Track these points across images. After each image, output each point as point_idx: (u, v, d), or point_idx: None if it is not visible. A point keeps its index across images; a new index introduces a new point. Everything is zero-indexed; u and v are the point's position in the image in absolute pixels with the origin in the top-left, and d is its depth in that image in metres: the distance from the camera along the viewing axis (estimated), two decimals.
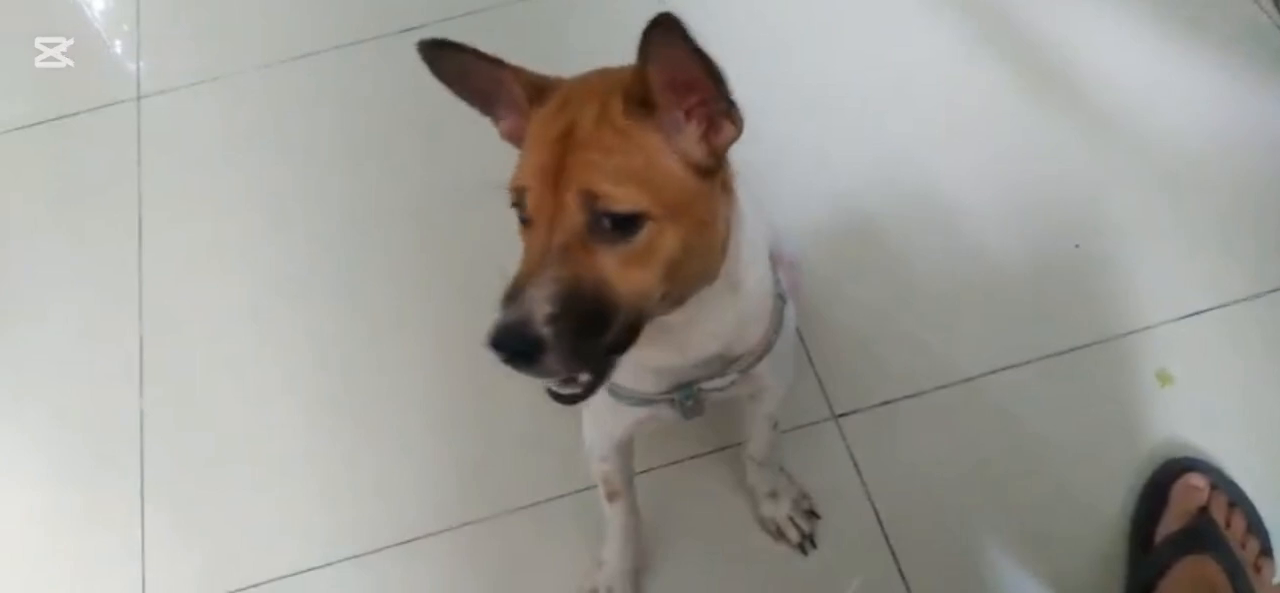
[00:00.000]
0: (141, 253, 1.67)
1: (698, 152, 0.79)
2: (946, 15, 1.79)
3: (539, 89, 0.83)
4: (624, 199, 0.74)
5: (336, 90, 1.85)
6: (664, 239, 0.76)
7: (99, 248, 1.70)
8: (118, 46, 1.96)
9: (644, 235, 0.76)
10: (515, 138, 0.86)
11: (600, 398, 1.01)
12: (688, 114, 0.78)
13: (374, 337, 1.56)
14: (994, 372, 1.42)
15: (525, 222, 0.79)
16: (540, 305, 0.72)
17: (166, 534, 1.42)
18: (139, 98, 1.87)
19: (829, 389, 1.42)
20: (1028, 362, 1.42)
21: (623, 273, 0.76)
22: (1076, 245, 1.52)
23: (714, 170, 0.81)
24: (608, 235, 0.75)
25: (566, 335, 0.73)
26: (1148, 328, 1.43)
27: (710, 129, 0.79)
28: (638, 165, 0.76)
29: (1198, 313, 1.44)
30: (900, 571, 1.29)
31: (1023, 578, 1.28)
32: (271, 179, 1.75)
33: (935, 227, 1.56)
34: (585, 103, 0.78)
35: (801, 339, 1.44)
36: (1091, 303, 1.47)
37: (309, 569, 1.37)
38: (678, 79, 0.76)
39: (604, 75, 0.84)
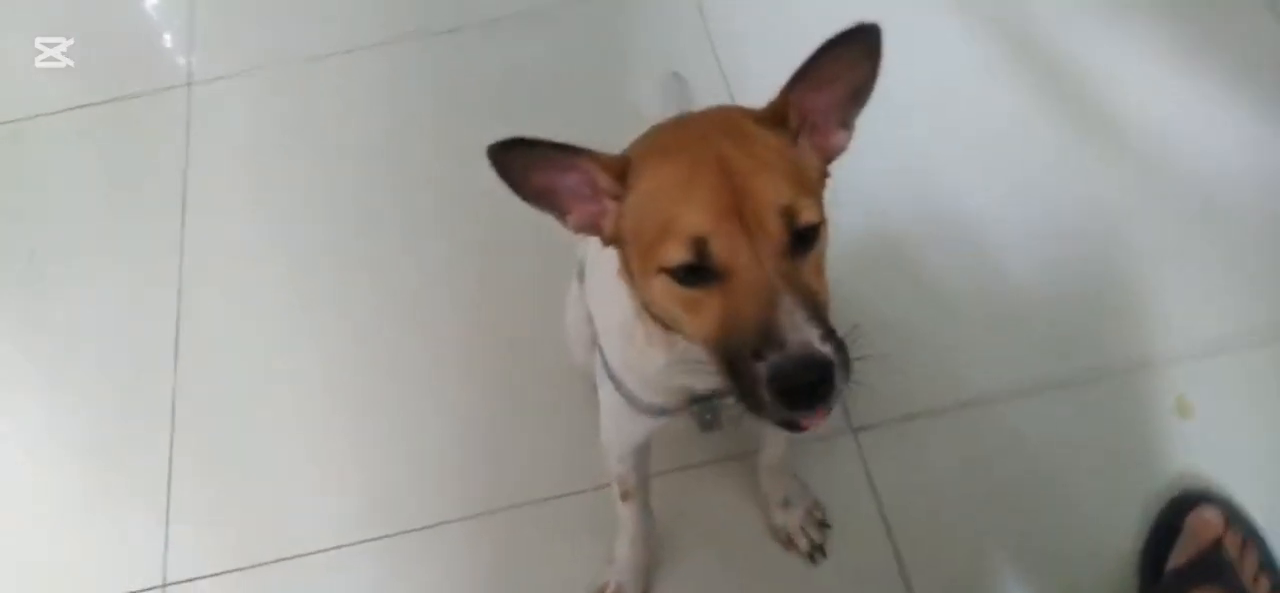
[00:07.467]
0: (184, 234, 1.72)
1: (817, 159, 0.82)
2: (979, 33, 1.79)
3: (621, 166, 0.80)
4: (811, 210, 0.75)
5: (380, 85, 1.89)
6: (825, 241, 0.78)
7: (143, 224, 1.75)
8: (170, 34, 2.03)
9: (821, 242, 0.77)
10: (593, 226, 0.83)
11: (620, 405, 1.03)
12: (804, 124, 0.81)
13: (403, 329, 1.59)
14: (1014, 394, 1.42)
15: (708, 275, 0.74)
16: (810, 328, 0.69)
17: (191, 508, 1.47)
18: (189, 84, 1.92)
19: (848, 402, 1.42)
20: (1048, 385, 1.42)
21: (818, 281, 0.77)
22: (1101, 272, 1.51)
23: (826, 175, 0.83)
24: (797, 250, 0.75)
25: (840, 347, 0.71)
26: (1170, 359, 1.43)
27: (822, 136, 0.82)
28: (802, 178, 0.78)
29: (1222, 347, 1.43)
30: (908, 588, 1.30)
31: None
32: (312, 170, 1.80)
33: (961, 245, 1.56)
34: (716, 139, 0.77)
35: None
36: (1115, 329, 1.47)
37: (327, 549, 1.40)
38: (820, 92, 0.78)
39: (711, 113, 0.85)
